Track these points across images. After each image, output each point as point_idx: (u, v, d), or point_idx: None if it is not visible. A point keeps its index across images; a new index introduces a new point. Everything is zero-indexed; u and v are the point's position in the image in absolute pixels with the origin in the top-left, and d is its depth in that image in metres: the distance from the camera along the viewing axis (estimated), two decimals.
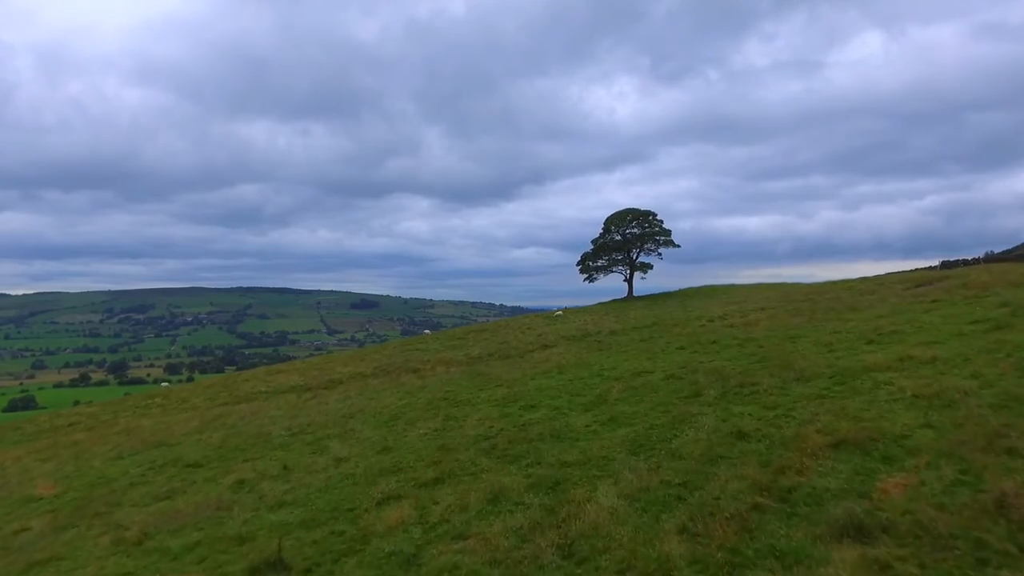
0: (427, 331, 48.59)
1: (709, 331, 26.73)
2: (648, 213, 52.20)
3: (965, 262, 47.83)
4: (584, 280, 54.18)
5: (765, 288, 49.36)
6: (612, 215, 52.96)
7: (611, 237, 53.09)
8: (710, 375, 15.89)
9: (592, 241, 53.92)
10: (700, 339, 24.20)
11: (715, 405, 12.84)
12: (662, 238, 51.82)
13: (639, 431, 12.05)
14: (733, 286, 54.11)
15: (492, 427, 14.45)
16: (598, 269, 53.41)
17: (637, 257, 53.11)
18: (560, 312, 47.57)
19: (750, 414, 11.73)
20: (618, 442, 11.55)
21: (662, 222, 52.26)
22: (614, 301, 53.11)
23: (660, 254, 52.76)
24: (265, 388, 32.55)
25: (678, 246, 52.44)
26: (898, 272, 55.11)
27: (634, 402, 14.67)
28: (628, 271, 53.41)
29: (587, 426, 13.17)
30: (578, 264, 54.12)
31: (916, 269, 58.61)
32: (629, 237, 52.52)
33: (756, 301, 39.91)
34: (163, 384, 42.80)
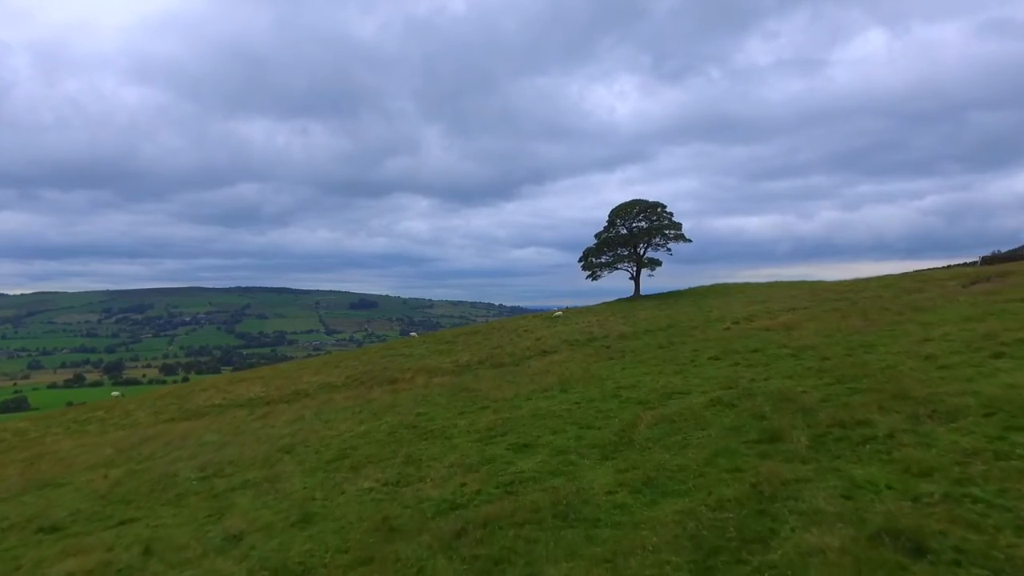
0: (414, 333, 43.64)
1: (742, 336, 21.87)
2: (656, 205, 47.30)
3: (1010, 257, 43.16)
4: (587, 278, 49.34)
5: (784, 286, 44.47)
6: (617, 207, 48.07)
7: (616, 231, 48.19)
8: (778, 403, 11.01)
9: (595, 235, 49.03)
10: (735, 346, 19.34)
11: (816, 462, 7.93)
12: (672, 232, 46.92)
13: (699, 509, 7.16)
14: (749, 284, 49.21)
15: (465, 486, 9.54)
16: (602, 266, 48.49)
17: (644, 253, 48.18)
18: (560, 312, 42.67)
19: (893, 487, 6.84)
20: (668, 535, 6.66)
21: (671, 214, 47.41)
22: (620, 300, 48.22)
23: (669, 250, 47.92)
24: (220, 400, 27.65)
25: (689, 241, 47.61)
26: (929, 269, 50.27)
27: (675, 446, 9.78)
28: (635, 268, 48.50)
29: (610, 493, 8.26)
30: (580, 260, 49.23)
31: (950, 265, 53.76)
32: (636, 231, 47.61)
33: (781, 300, 35.04)
34: (114, 394, 37.92)
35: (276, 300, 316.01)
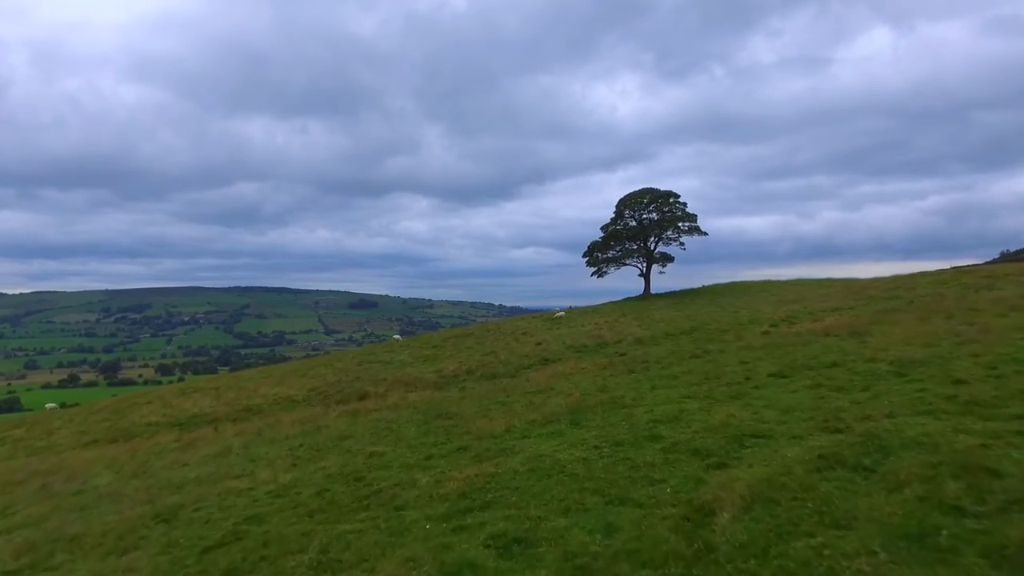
0: (398, 336, 38.80)
1: (795, 342, 17.03)
2: (669, 194, 42.42)
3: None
4: (593, 274, 44.48)
5: (811, 284, 39.63)
6: (626, 196, 43.20)
7: (624, 223, 43.32)
8: (958, 470, 6.16)
9: (601, 228, 44.15)
10: (797, 357, 14.55)
11: None
12: (686, 224, 42.03)
13: None
14: (770, 282, 44.35)
15: None
16: (609, 261, 43.62)
17: (655, 247, 43.29)
18: (562, 313, 37.79)
19: None
20: None
21: (685, 205, 42.51)
22: (629, 300, 43.32)
23: (683, 244, 43.01)
24: (158, 418, 22.78)
25: (705, 234, 42.74)
26: (971, 265, 45.43)
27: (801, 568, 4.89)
28: (645, 264, 43.63)
29: None
30: (585, 256, 44.37)
31: (993, 260, 48.85)
32: (646, 223, 42.74)
33: (816, 300, 30.17)
34: (49, 406, 33.06)
35: (275, 300, 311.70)
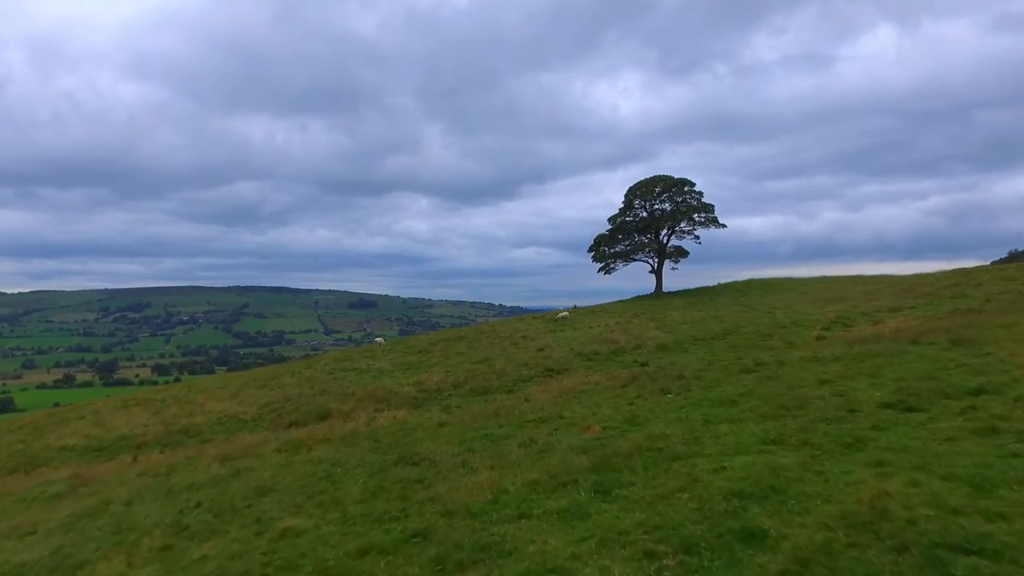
0: (380, 339, 34.45)
1: (882, 353, 12.66)
2: (683, 182, 38.02)
3: None
4: (599, 271, 40.09)
5: (845, 281, 35.27)
6: (636, 184, 38.79)
7: (634, 214, 38.91)
8: None
9: (609, 220, 39.75)
10: (905, 377, 10.22)
11: None
12: (702, 215, 37.65)
13: None
14: (792, 279, 39.97)
15: None
16: (617, 256, 39.20)
17: (668, 240, 38.90)
18: (566, 313, 33.41)
19: None
20: None
21: (701, 194, 38.11)
22: (640, 298, 38.93)
23: (698, 238, 38.60)
24: (77, 440, 18.47)
25: (723, 226, 38.28)
26: (1012, 260, 41.16)
27: None
28: (656, 259, 39.25)
29: None
30: (590, 250, 39.98)
31: (1000, 261, 44.99)
32: (658, 214, 38.34)
33: (861, 297, 25.81)
34: None
35: (275, 299, 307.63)
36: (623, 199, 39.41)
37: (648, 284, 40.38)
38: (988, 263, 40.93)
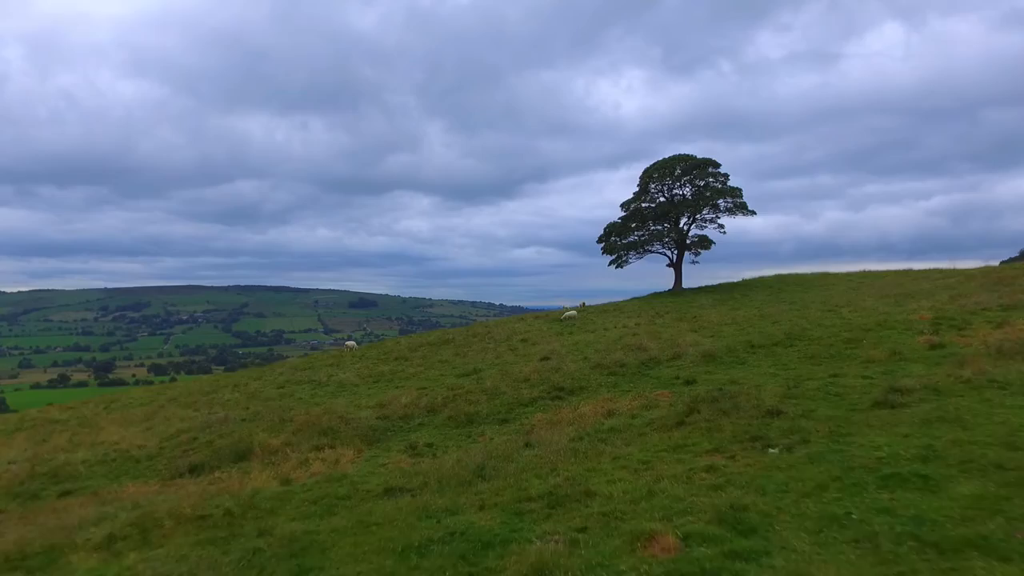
0: (352, 343, 29.05)
1: None
2: (707, 163, 32.74)
3: None
4: (610, 264, 34.79)
5: (894, 276, 29.95)
6: (653, 165, 33.50)
7: (651, 197, 33.63)
8: None
9: (622, 205, 34.46)
10: None
11: None
12: (729, 201, 32.37)
13: None
14: (826, 274, 34.59)
15: None
16: (631, 248, 33.93)
17: (689, 229, 33.57)
18: (574, 312, 28.04)
19: None
20: None
21: (727, 177, 32.82)
22: (657, 295, 33.65)
23: (722, 226, 33.29)
24: None
25: (752, 213, 33.02)
26: None
27: None
28: (675, 250, 33.95)
29: None
30: (600, 240, 34.70)
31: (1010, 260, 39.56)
32: (678, 200, 33.06)
33: (938, 291, 20.54)
34: None
35: (275, 299, 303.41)
36: (638, 182, 34.16)
37: (657, 283, 35.30)
38: (998, 262, 36.10)
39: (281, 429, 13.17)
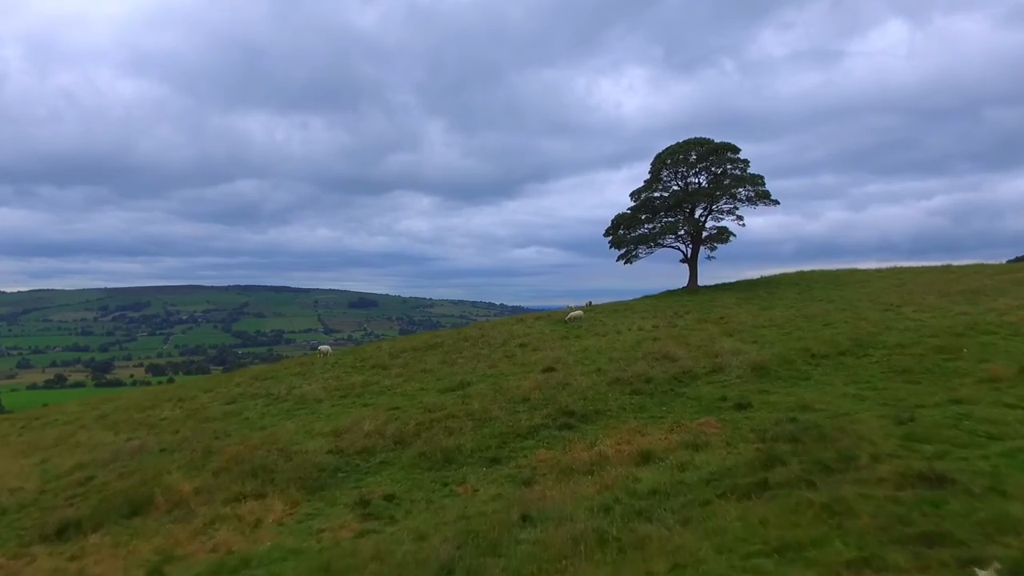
0: (325, 347, 25.64)
1: None
2: (726, 147, 29.38)
3: None
4: (619, 259, 31.42)
5: (938, 272, 26.65)
6: (667, 150, 30.11)
7: (664, 185, 30.23)
8: None
9: (632, 194, 31.11)
10: None
11: None
12: (750, 189, 28.99)
13: None
14: (856, 270, 31.23)
15: None
16: (641, 241, 30.58)
17: (706, 220, 30.18)
18: (579, 312, 24.70)
19: None
20: None
21: (747, 163, 29.47)
22: (671, 293, 30.27)
23: (742, 219, 29.93)
24: None
25: (776, 202, 29.65)
26: None
27: None
28: (690, 244, 30.59)
29: None
30: (607, 233, 31.36)
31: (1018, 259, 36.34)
32: (693, 189, 29.69)
33: (1004, 288, 17.22)
34: None
35: (275, 299, 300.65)
36: (649, 169, 30.75)
37: (661, 283, 31.92)
38: (1003, 262, 32.94)
39: (202, 465, 9.87)
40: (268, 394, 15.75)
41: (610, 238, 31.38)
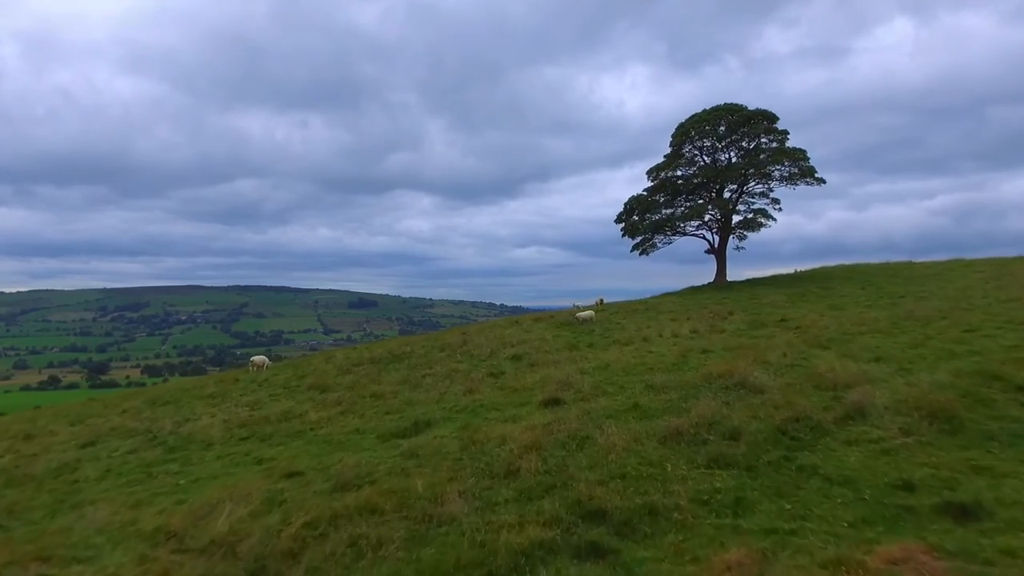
0: (260, 358, 20.39)
1: None
2: (762, 115, 24.31)
3: None
4: (633, 249, 26.34)
5: (994, 265, 21.59)
6: (691, 119, 25.00)
7: (688, 162, 25.17)
8: None
9: (649, 173, 26.00)
10: None
11: None
12: (792, 165, 23.93)
13: None
14: (887, 264, 26.01)
15: None
16: (659, 228, 25.46)
17: (736, 203, 25.06)
18: (591, 312, 19.59)
19: None
20: None
21: (786, 135, 24.40)
22: (695, 290, 25.17)
23: (777, 201, 24.83)
24: None
25: (822, 181, 24.58)
26: None
27: None
28: (718, 232, 25.52)
29: None
30: (619, 220, 26.27)
31: None
32: (722, 165, 24.62)
33: None
34: None
35: (275, 299, 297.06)
36: (670, 142, 25.63)
37: (665, 284, 26.87)
38: None
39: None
40: (149, 431, 10.65)
41: (622, 225, 26.23)
